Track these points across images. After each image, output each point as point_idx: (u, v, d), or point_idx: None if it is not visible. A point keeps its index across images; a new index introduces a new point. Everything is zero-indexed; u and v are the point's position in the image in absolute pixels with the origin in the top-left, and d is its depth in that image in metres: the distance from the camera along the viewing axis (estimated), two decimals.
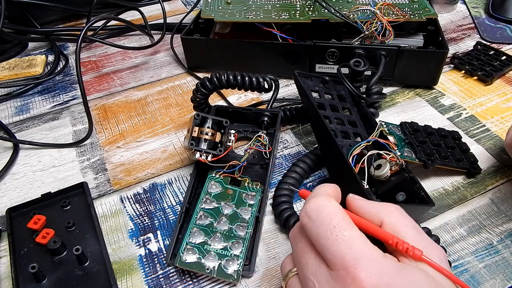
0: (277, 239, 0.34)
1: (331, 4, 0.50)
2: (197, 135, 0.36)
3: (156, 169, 0.41)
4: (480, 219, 0.35)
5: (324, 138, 0.36)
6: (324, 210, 0.22)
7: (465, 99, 0.47)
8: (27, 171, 0.42)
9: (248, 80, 0.39)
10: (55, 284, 0.31)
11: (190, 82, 0.53)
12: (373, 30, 0.47)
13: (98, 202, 0.38)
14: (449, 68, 0.52)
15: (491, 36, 0.58)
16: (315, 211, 0.22)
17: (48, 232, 0.33)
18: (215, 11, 0.51)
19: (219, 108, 0.42)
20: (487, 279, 0.30)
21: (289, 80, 0.52)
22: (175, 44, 0.59)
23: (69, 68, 0.58)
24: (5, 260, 0.34)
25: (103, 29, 0.63)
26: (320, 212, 0.22)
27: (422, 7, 0.50)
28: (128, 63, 0.58)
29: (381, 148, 0.35)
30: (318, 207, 0.23)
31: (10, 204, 0.37)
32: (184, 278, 0.32)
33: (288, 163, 0.41)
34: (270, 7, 0.51)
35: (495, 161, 0.40)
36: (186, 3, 0.74)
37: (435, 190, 0.37)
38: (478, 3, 0.67)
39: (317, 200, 0.23)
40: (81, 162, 0.42)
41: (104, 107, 0.50)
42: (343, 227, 0.22)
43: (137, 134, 0.45)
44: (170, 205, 0.37)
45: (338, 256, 0.21)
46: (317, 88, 0.40)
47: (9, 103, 0.52)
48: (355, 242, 0.21)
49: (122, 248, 0.34)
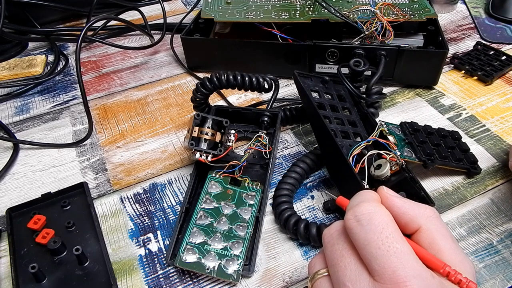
0: (277, 239, 0.34)
1: (331, 4, 0.50)
2: (197, 135, 0.36)
3: (156, 169, 0.41)
4: (480, 219, 0.35)
5: (324, 138, 0.36)
6: (377, 217, 0.21)
7: (465, 99, 0.47)
8: (27, 171, 0.42)
9: (248, 80, 0.39)
10: (55, 284, 0.31)
11: (190, 82, 0.53)
12: (373, 30, 0.47)
13: (98, 202, 0.38)
14: (449, 68, 0.52)
15: (491, 36, 0.58)
16: (366, 215, 0.21)
17: (48, 232, 0.33)
18: (215, 11, 0.51)
19: (219, 108, 0.42)
20: (487, 279, 0.30)
21: (289, 80, 0.52)
22: (175, 44, 0.59)
23: (69, 68, 0.58)
24: (5, 260, 0.34)
25: (103, 29, 0.63)
26: (373, 218, 0.21)
27: (422, 7, 0.50)
28: (128, 63, 0.58)
29: (381, 148, 0.35)
30: (370, 212, 0.22)
31: (10, 204, 0.37)
32: (184, 278, 0.32)
33: (288, 163, 0.41)
34: (270, 7, 0.51)
35: (495, 161, 0.40)
36: (186, 3, 0.74)
37: (435, 190, 0.37)
38: (478, 3, 0.67)
39: (369, 206, 0.22)
40: (81, 162, 0.42)
41: (104, 107, 0.50)
42: (396, 238, 0.21)
43: (137, 134, 0.45)
44: (170, 205, 0.37)
45: (388, 269, 0.20)
46: (317, 88, 0.40)
47: (9, 103, 0.52)
48: (407, 257, 0.20)
49: (122, 248, 0.34)
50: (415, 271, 0.20)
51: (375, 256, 0.20)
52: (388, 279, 0.20)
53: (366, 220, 0.21)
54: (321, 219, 0.35)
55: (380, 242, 0.21)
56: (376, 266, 0.20)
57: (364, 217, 0.21)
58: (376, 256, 0.20)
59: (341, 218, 0.35)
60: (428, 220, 0.23)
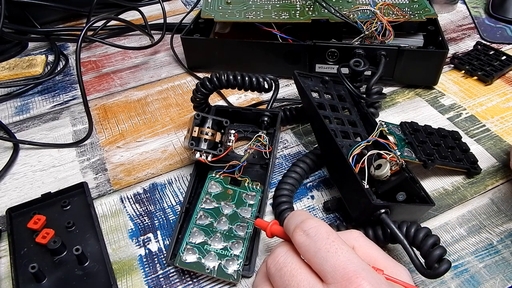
0: (277, 239, 0.34)
1: (331, 4, 0.50)
2: (197, 135, 0.36)
3: (156, 169, 0.41)
4: (480, 219, 0.35)
5: (324, 138, 0.36)
6: (322, 228, 0.24)
7: (465, 99, 0.47)
8: (27, 171, 0.42)
9: (248, 80, 0.39)
10: (55, 284, 0.31)
11: (190, 82, 0.53)
12: (373, 30, 0.47)
13: (98, 202, 0.38)
14: (449, 68, 0.52)
15: (491, 36, 0.58)
16: (313, 228, 0.24)
17: (48, 232, 0.33)
18: (215, 11, 0.51)
19: (219, 108, 0.42)
20: (487, 279, 0.30)
21: (289, 80, 0.52)
22: (175, 44, 0.59)
23: (69, 68, 0.58)
24: (5, 260, 0.34)
25: (103, 29, 0.63)
26: (319, 229, 0.24)
27: (422, 7, 0.50)
28: (128, 63, 0.58)
29: (381, 148, 0.35)
30: (316, 226, 0.24)
31: (10, 204, 0.37)
32: (184, 278, 0.32)
33: (288, 163, 0.41)
34: (270, 7, 0.51)
35: (495, 161, 0.40)
36: (186, 3, 0.74)
37: (435, 190, 0.37)
38: (478, 3, 0.67)
39: (313, 221, 0.25)
40: (81, 162, 0.42)
41: (104, 107, 0.50)
42: (341, 242, 0.24)
43: (137, 134, 0.45)
44: (170, 205, 0.37)
45: (339, 267, 0.22)
46: (317, 88, 0.40)
47: (9, 103, 0.52)
48: (353, 255, 0.23)
49: (122, 248, 0.34)
50: (363, 265, 0.22)
51: (326, 259, 0.23)
52: (340, 277, 0.22)
53: (313, 232, 0.24)
54: (321, 219, 0.35)
55: (328, 246, 0.23)
56: (328, 267, 0.22)
57: (312, 230, 0.24)
58: (326, 259, 0.23)
59: (342, 219, 0.35)
60: (357, 239, 0.26)
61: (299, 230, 0.25)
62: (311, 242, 0.24)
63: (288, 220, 0.27)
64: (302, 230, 0.25)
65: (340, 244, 0.23)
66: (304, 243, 0.24)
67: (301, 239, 0.24)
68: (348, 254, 0.23)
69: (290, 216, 0.27)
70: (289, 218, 0.27)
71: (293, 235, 0.25)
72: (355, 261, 0.22)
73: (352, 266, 0.22)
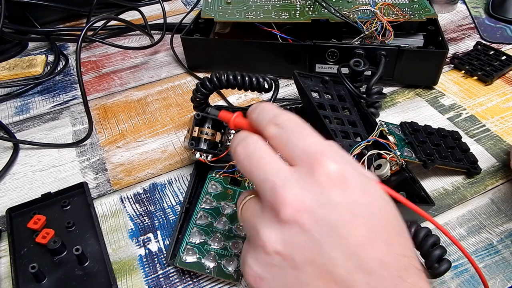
0: None
1: (331, 4, 0.50)
2: (197, 135, 0.36)
3: (156, 169, 0.41)
4: (480, 219, 0.35)
5: (324, 138, 0.36)
6: (296, 120, 0.24)
7: (465, 99, 0.47)
8: (27, 171, 0.42)
9: (248, 80, 0.39)
10: (55, 284, 0.31)
11: (190, 82, 0.53)
12: (373, 30, 0.47)
13: (98, 202, 0.38)
14: (449, 68, 0.52)
15: (491, 36, 0.58)
16: (287, 121, 0.24)
17: (48, 232, 0.33)
18: (215, 11, 0.51)
19: (219, 108, 0.42)
20: (487, 279, 0.30)
21: (289, 80, 0.52)
22: (175, 44, 0.59)
23: (69, 68, 0.58)
24: (5, 260, 0.34)
25: (103, 29, 0.63)
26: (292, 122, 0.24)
27: (422, 7, 0.50)
28: (128, 63, 0.58)
29: (381, 148, 0.35)
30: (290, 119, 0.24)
31: (10, 204, 0.37)
32: (184, 278, 0.32)
33: None
34: (270, 7, 0.51)
35: (495, 161, 0.40)
36: (186, 3, 0.74)
37: (435, 190, 0.37)
38: (478, 3, 0.67)
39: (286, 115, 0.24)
40: (81, 162, 0.42)
41: (104, 107, 0.50)
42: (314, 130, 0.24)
43: (137, 134, 0.45)
44: (170, 205, 0.37)
45: (308, 148, 0.22)
46: (317, 88, 0.40)
47: (9, 103, 0.52)
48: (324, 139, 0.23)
49: (122, 248, 0.34)
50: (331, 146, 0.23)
51: (296, 144, 0.23)
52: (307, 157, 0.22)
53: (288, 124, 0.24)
54: None
55: (300, 134, 0.23)
56: (297, 151, 0.22)
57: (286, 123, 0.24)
58: (297, 144, 0.23)
59: None
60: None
61: (272, 124, 0.24)
62: (285, 133, 0.23)
63: (257, 114, 0.25)
64: (275, 124, 0.24)
65: (313, 131, 0.23)
66: (277, 134, 0.24)
67: (274, 131, 0.24)
68: (319, 137, 0.23)
69: (259, 109, 0.25)
70: (258, 112, 0.25)
71: (266, 128, 0.24)
72: (325, 143, 0.23)
73: (320, 146, 0.22)
